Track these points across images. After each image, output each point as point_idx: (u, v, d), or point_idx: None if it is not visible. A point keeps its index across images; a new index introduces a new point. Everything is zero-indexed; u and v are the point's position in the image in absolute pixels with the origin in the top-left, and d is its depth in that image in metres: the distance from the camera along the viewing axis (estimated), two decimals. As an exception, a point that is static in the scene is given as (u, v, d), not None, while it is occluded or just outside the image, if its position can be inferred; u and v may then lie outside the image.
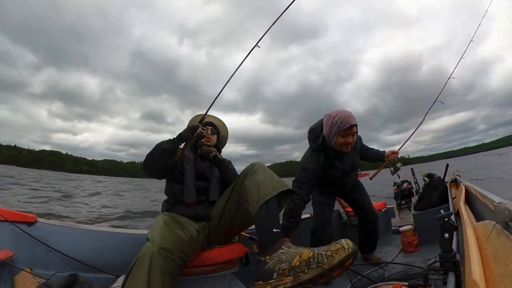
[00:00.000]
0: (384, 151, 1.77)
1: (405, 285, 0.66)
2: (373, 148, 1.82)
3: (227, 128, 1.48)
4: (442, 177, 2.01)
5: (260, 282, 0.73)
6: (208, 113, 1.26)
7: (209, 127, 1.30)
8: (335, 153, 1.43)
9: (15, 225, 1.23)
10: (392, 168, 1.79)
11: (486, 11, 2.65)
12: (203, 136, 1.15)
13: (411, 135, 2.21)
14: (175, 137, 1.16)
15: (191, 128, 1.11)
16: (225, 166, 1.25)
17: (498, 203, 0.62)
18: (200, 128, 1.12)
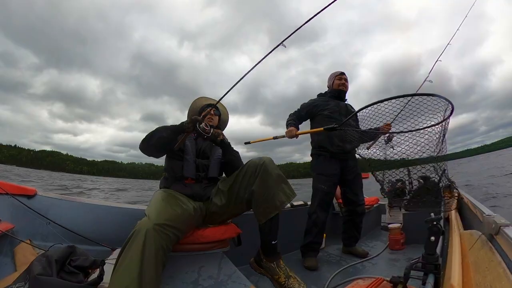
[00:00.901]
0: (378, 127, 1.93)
1: (386, 280, 0.69)
2: None
3: (227, 113, 1.51)
4: (437, 181, 2.03)
5: (255, 263, 1.10)
6: (209, 98, 1.43)
7: (212, 109, 1.30)
8: (333, 94, 1.94)
9: (15, 198, 1.24)
10: (385, 137, 1.90)
11: (473, 4, 2.66)
12: (205, 133, 1.15)
13: (402, 108, 2.47)
14: (177, 124, 1.14)
15: (193, 121, 1.10)
16: (231, 150, 1.27)
17: (487, 215, 0.63)
18: (203, 124, 1.14)
